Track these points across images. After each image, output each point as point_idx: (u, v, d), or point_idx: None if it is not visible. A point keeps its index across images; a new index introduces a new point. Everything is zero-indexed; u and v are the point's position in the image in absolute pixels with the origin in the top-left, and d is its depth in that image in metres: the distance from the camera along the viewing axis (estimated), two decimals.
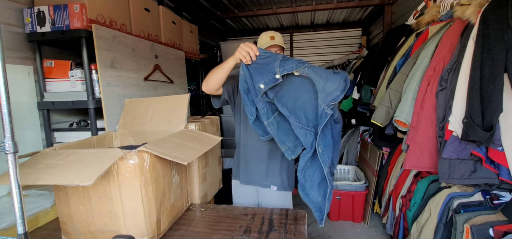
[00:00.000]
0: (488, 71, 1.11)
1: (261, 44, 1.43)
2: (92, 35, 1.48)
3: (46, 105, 1.61)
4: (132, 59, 1.80)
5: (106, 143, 1.45)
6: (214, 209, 1.35)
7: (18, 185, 0.72)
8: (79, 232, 1.05)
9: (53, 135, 1.68)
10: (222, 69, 1.24)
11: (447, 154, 1.31)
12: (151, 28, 2.11)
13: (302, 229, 1.13)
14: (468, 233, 1.27)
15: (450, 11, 1.57)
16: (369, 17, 4.27)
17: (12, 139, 0.70)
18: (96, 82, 1.57)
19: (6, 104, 0.69)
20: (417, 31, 1.91)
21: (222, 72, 1.24)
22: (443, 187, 1.59)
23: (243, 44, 1.16)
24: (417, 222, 1.68)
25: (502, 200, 1.36)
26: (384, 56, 2.37)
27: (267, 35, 1.43)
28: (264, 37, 1.43)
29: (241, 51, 1.15)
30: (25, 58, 1.56)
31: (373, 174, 2.53)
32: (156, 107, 1.56)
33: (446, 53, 1.41)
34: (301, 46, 4.99)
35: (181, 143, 1.18)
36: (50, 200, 1.29)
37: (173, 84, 2.31)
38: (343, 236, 2.44)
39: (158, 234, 1.09)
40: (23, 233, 0.73)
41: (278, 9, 3.73)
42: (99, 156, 0.93)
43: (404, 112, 1.55)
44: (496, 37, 1.10)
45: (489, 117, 1.13)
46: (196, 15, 3.65)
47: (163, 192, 1.11)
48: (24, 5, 1.55)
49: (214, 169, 1.75)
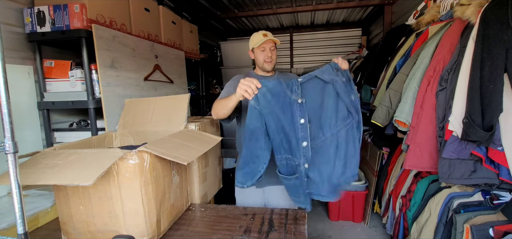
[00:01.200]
0: (488, 71, 1.11)
1: (254, 43, 1.47)
2: (92, 35, 1.48)
3: (46, 105, 1.61)
4: (132, 59, 1.80)
5: (106, 143, 1.45)
6: (214, 209, 1.35)
7: (18, 185, 0.72)
8: (79, 232, 1.05)
9: (53, 135, 1.68)
10: (226, 106, 1.23)
11: (447, 154, 1.31)
12: (151, 28, 2.11)
13: (302, 229, 1.13)
14: (468, 233, 1.27)
15: (450, 11, 1.57)
16: (369, 17, 4.27)
17: (12, 139, 0.70)
18: (96, 82, 1.57)
19: (6, 104, 0.69)
20: (417, 31, 1.91)
21: (227, 108, 1.23)
22: (443, 187, 1.59)
23: (242, 81, 1.10)
24: (417, 222, 1.68)
25: (502, 200, 1.36)
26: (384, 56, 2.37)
27: (260, 34, 1.47)
28: (257, 36, 1.47)
29: (242, 87, 1.09)
30: (25, 58, 1.56)
31: (373, 174, 2.53)
32: (156, 107, 1.56)
33: (446, 53, 1.41)
34: (301, 46, 4.99)
35: (181, 143, 1.18)
36: (50, 200, 1.29)
37: (173, 84, 2.31)
38: (343, 236, 2.44)
39: (158, 234, 1.09)
40: (23, 233, 0.73)
41: (278, 9, 3.73)
42: (99, 156, 0.93)
43: (404, 112, 1.55)
44: (496, 37, 1.10)
45: (489, 117, 1.12)
46: (196, 15, 3.65)
47: (163, 192, 1.11)
48: (24, 5, 1.55)
49: (214, 169, 1.75)
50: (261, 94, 1.09)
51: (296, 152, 1.13)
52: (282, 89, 1.11)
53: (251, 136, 1.13)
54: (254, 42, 1.48)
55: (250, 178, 1.17)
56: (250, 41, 1.51)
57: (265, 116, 1.10)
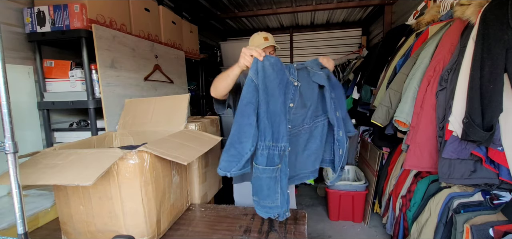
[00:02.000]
0: (488, 71, 1.11)
1: (255, 44, 1.43)
2: (92, 35, 1.48)
3: (46, 105, 1.61)
4: (132, 59, 1.80)
5: (106, 143, 1.45)
6: (214, 209, 1.35)
7: (18, 185, 0.72)
8: (79, 232, 1.05)
9: (53, 135, 1.68)
10: (228, 77, 1.18)
11: (447, 154, 1.31)
12: (151, 28, 2.11)
13: (302, 229, 1.13)
14: (468, 233, 1.27)
15: (450, 11, 1.57)
16: (369, 17, 4.27)
17: (12, 139, 0.71)
18: (96, 82, 1.57)
19: (6, 104, 0.69)
20: (417, 31, 1.91)
21: (229, 80, 1.19)
22: (443, 187, 1.59)
23: (246, 49, 1.09)
24: (417, 222, 1.68)
25: (502, 200, 1.36)
26: (384, 56, 2.37)
27: (260, 36, 1.43)
28: (258, 38, 1.43)
29: (246, 57, 1.08)
30: (25, 58, 1.56)
31: (373, 174, 2.53)
32: (156, 107, 1.56)
33: (446, 53, 1.41)
34: (301, 46, 4.99)
35: (181, 143, 1.18)
36: (50, 200, 1.29)
37: (173, 84, 2.31)
38: (343, 236, 2.44)
39: (158, 234, 1.09)
40: (23, 233, 0.73)
41: (278, 9, 3.73)
42: (99, 156, 0.93)
43: (404, 112, 1.55)
44: (496, 37, 1.10)
45: (489, 117, 1.12)
46: (196, 15, 3.65)
47: (163, 192, 1.11)
48: (24, 5, 1.55)
49: (214, 169, 1.75)
50: (261, 66, 1.07)
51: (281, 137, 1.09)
52: (282, 67, 1.13)
53: (243, 110, 1.06)
54: (254, 44, 1.45)
55: (236, 162, 1.04)
56: (250, 41, 1.49)
57: (260, 94, 1.06)
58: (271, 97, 1.07)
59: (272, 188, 1.08)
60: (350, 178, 2.93)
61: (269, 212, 1.11)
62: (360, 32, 4.71)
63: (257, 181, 1.09)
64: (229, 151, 1.05)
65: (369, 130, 3.07)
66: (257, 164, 1.08)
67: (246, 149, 1.03)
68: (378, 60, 2.46)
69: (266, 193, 1.09)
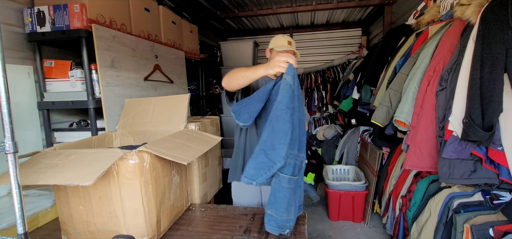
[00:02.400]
0: (488, 71, 1.11)
1: (277, 45, 1.41)
2: (92, 35, 1.48)
3: (46, 105, 1.61)
4: (132, 59, 1.80)
5: (106, 143, 1.45)
6: (214, 209, 1.35)
7: (18, 185, 0.72)
8: (79, 232, 1.05)
9: (53, 135, 1.68)
10: (248, 77, 1.14)
11: (447, 154, 1.31)
12: (151, 28, 2.11)
13: (302, 229, 1.13)
14: (468, 233, 1.27)
15: (450, 11, 1.57)
16: (369, 17, 4.27)
17: (12, 139, 0.71)
18: (96, 82, 1.57)
19: (6, 104, 0.69)
20: (417, 31, 1.91)
21: (248, 80, 1.15)
22: (443, 187, 1.59)
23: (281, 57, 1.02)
24: (417, 222, 1.68)
25: (502, 200, 1.36)
26: (384, 56, 2.37)
27: (285, 39, 1.42)
28: (282, 40, 1.42)
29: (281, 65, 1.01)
30: (25, 58, 1.56)
31: (373, 174, 2.53)
32: (156, 107, 1.56)
33: (446, 53, 1.41)
34: (301, 46, 4.98)
35: (181, 143, 1.18)
36: (50, 200, 1.29)
37: (173, 84, 2.31)
38: (343, 236, 2.44)
39: (158, 234, 1.09)
40: (23, 233, 0.73)
41: (278, 9, 3.73)
42: (99, 156, 0.93)
43: (404, 112, 1.55)
44: (496, 37, 1.10)
45: (489, 118, 1.13)
46: (196, 15, 3.65)
47: (163, 192, 1.11)
48: (24, 5, 1.55)
49: (214, 169, 1.75)
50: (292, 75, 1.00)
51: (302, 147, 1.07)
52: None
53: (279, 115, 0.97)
54: (277, 44, 1.42)
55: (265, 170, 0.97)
56: (273, 41, 1.45)
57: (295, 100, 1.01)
58: (301, 106, 1.05)
59: (291, 200, 1.03)
60: (350, 178, 2.93)
61: (282, 227, 1.05)
62: (360, 32, 4.71)
63: (279, 192, 1.01)
64: (259, 158, 0.99)
65: (369, 130, 3.07)
66: (284, 173, 1.00)
67: (280, 157, 0.97)
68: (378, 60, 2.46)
69: (285, 206, 1.02)
